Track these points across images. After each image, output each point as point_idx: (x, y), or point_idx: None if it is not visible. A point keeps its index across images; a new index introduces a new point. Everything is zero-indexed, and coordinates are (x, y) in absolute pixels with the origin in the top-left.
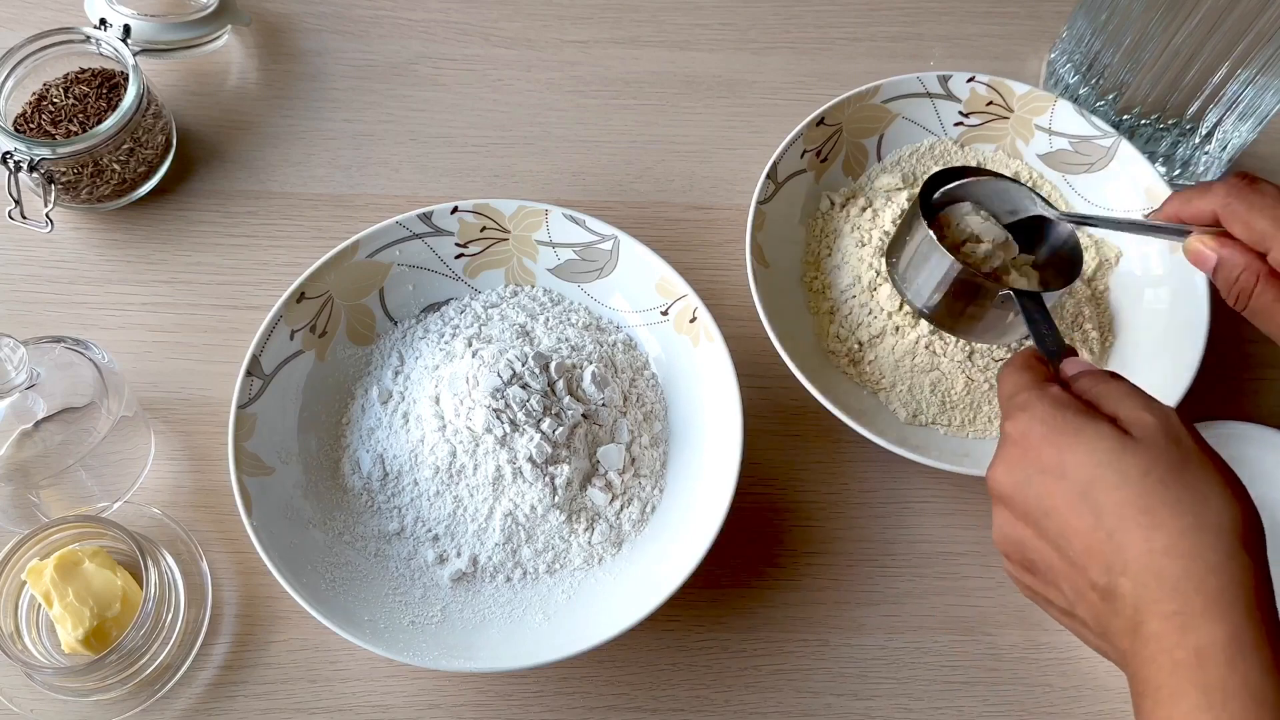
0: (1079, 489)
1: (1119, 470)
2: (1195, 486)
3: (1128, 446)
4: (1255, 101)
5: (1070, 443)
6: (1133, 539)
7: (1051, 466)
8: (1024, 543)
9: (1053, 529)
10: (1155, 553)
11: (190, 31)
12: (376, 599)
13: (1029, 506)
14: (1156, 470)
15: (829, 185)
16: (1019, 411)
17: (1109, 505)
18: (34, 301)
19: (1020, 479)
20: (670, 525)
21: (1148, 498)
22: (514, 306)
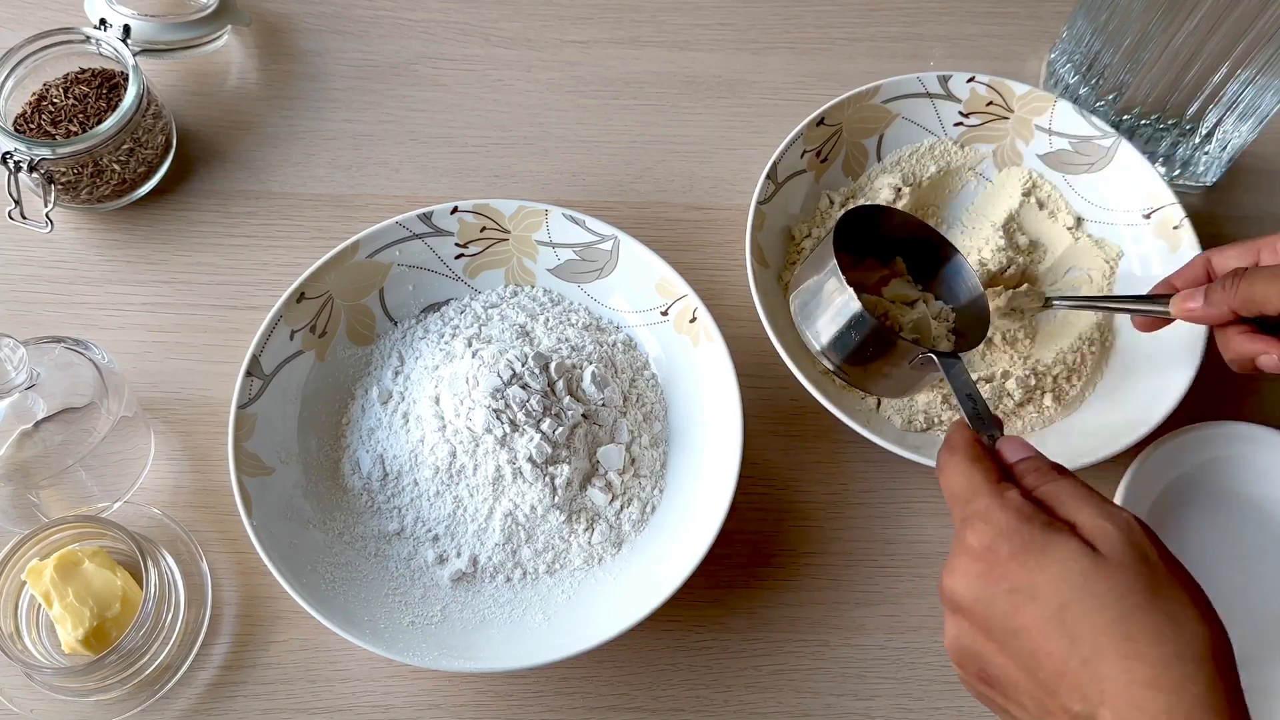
0: (1051, 611)
1: (1093, 594)
2: (1170, 611)
3: (1100, 568)
4: (1255, 101)
5: (1038, 562)
6: (1112, 669)
7: (1021, 586)
8: (984, 656)
9: (1021, 649)
10: (1137, 684)
11: (190, 31)
12: (376, 599)
13: (993, 624)
14: (1132, 595)
15: (829, 185)
16: (980, 522)
17: (1085, 631)
18: (34, 301)
19: (983, 595)
20: (670, 525)
21: (1126, 624)
22: (514, 306)
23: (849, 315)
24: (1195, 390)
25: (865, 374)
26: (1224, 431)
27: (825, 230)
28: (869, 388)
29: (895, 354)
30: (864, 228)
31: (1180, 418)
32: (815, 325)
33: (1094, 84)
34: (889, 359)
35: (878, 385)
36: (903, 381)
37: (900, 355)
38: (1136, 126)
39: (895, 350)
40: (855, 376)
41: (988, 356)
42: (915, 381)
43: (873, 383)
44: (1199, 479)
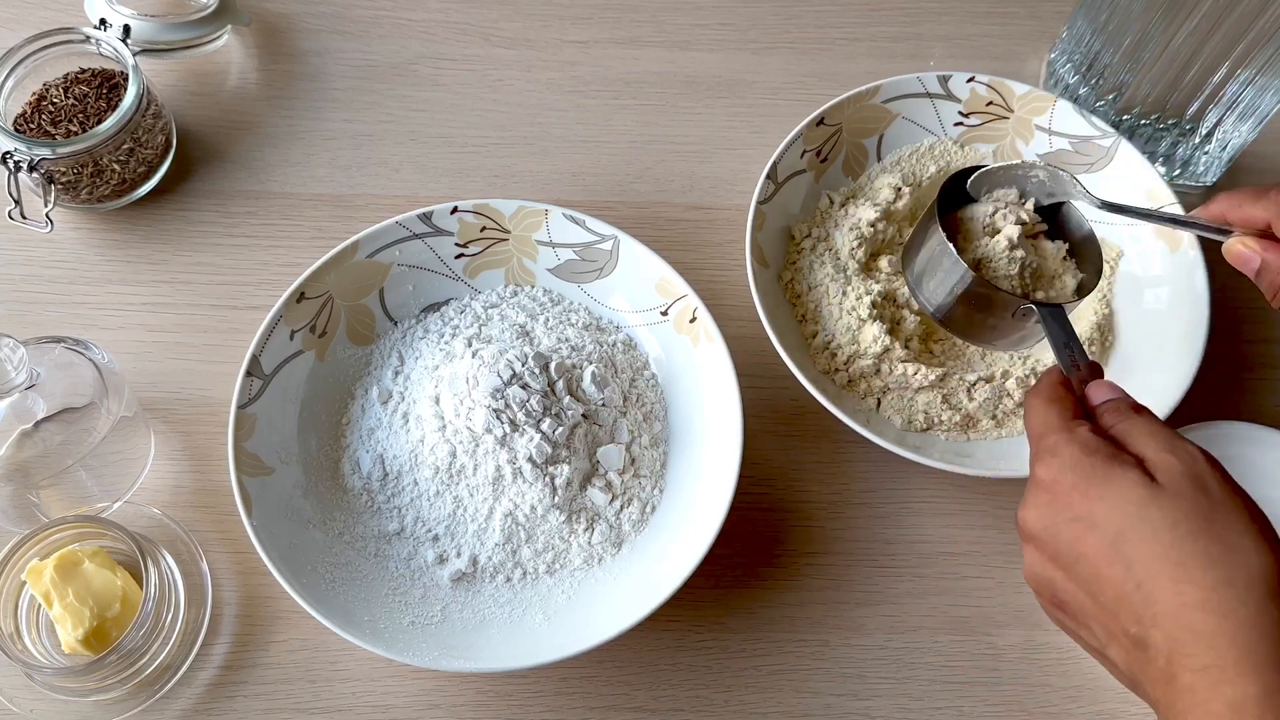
0: (1109, 539)
1: (1148, 521)
2: (1224, 537)
3: (1156, 496)
4: (1255, 101)
5: (1099, 492)
6: (1164, 592)
7: (1082, 515)
8: (1055, 583)
9: (1084, 574)
10: (1187, 607)
11: (190, 31)
12: (376, 599)
13: (1060, 551)
14: (1186, 522)
15: (829, 185)
16: (1048, 456)
17: (1139, 557)
18: (34, 301)
19: (1050, 524)
20: (670, 525)
21: (1178, 550)
22: (514, 306)
23: (954, 272)
24: (1195, 390)
25: (974, 327)
26: (1224, 431)
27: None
28: (982, 340)
29: (998, 305)
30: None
31: (1180, 418)
32: (926, 288)
33: (1094, 84)
34: (993, 310)
35: (988, 337)
36: (1011, 332)
37: (1001, 306)
38: (1136, 126)
39: (997, 301)
40: (966, 330)
41: (988, 356)
42: (1023, 333)
43: (983, 335)
44: None
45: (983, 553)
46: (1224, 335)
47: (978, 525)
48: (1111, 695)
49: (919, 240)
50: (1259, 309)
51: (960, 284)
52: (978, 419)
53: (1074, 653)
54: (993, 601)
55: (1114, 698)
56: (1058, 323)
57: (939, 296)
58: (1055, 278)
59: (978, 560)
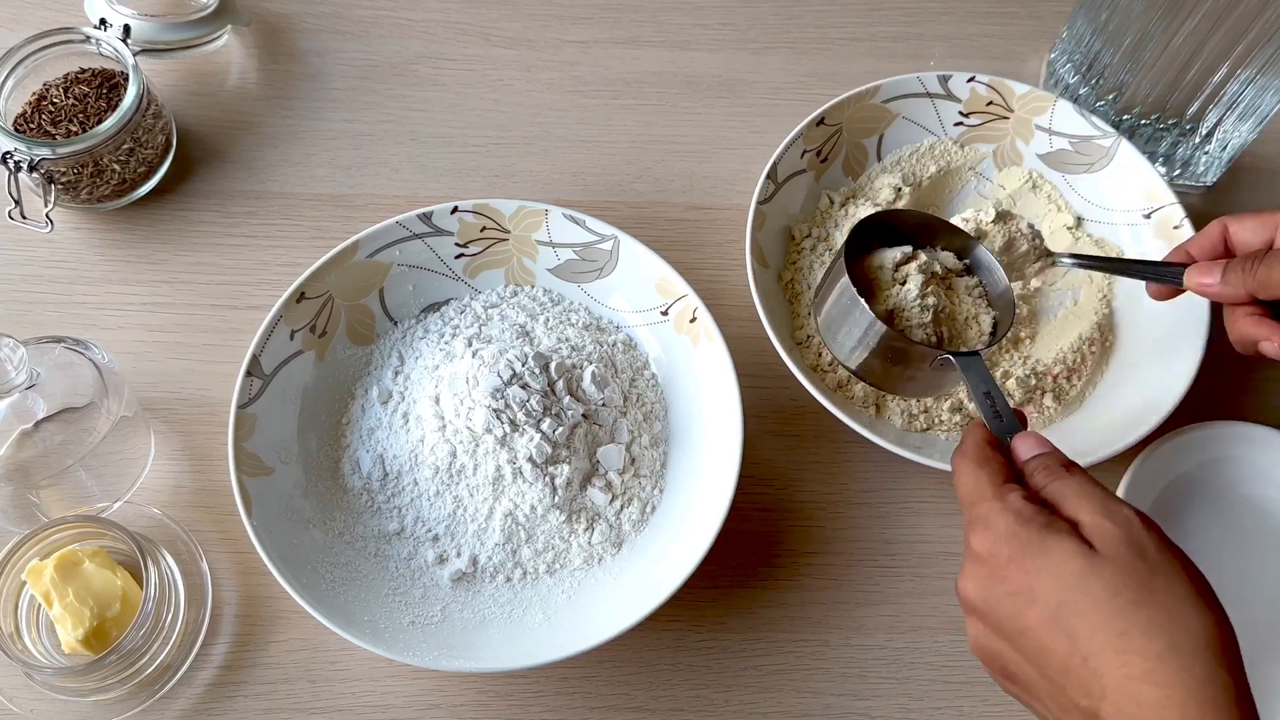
0: (1050, 612)
1: (1088, 593)
2: (1165, 604)
3: (1094, 566)
4: (1255, 101)
5: (1036, 565)
6: (1109, 665)
7: (1021, 589)
8: (1002, 655)
9: (1030, 647)
10: (1133, 679)
11: (190, 31)
12: (376, 599)
13: (1003, 625)
14: (1126, 590)
15: (829, 185)
16: (982, 527)
17: (1081, 630)
18: (34, 301)
19: (989, 598)
20: (670, 525)
21: (1120, 620)
22: (514, 306)
23: (864, 324)
24: (1195, 390)
25: (890, 379)
26: (1224, 431)
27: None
28: (899, 391)
29: (913, 358)
30: (877, 232)
31: (1180, 418)
32: (837, 338)
33: (1094, 84)
34: (909, 363)
35: (906, 388)
36: (930, 382)
37: (919, 359)
38: (1136, 126)
39: (912, 354)
40: (882, 382)
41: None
42: (942, 381)
43: (901, 386)
44: (1199, 479)
45: None
46: (1224, 335)
47: None
48: None
49: (828, 290)
50: None
51: (873, 337)
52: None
53: None
54: None
55: None
56: (976, 372)
57: (851, 348)
58: (970, 320)
59: None
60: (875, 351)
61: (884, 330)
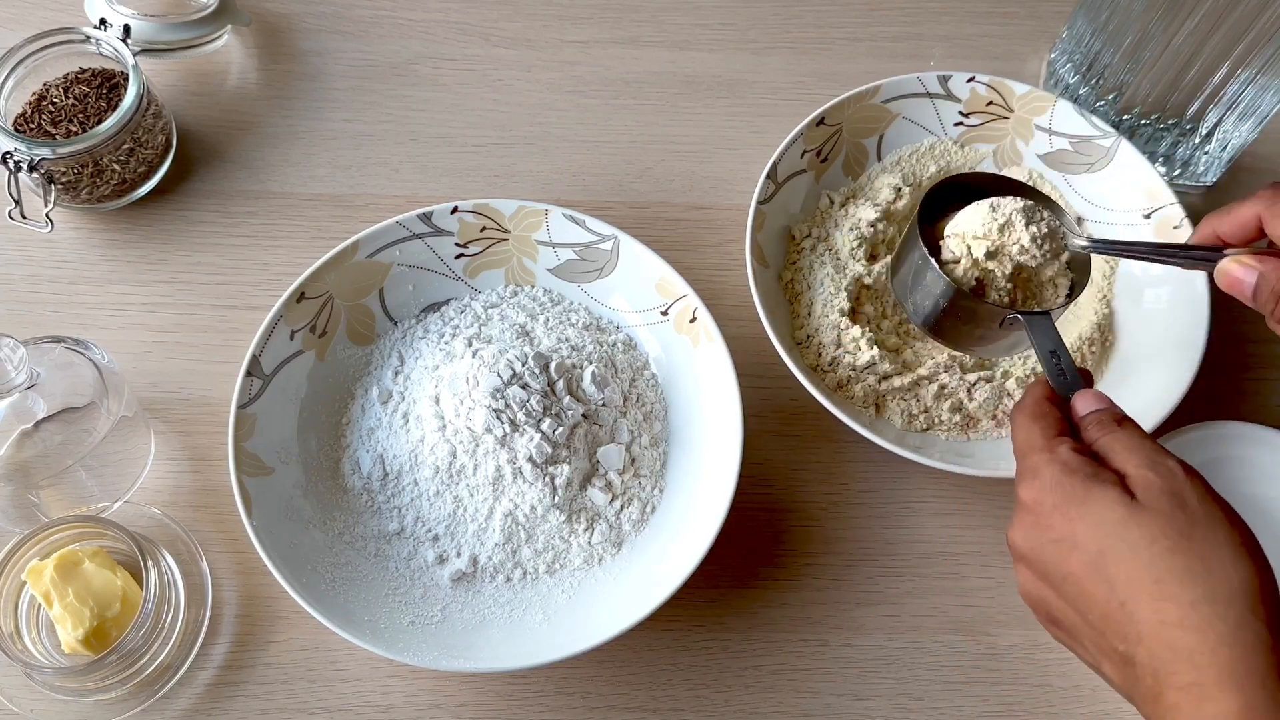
0: (1091, 559)
1: (1127, 541)
2: (1202, 553)
3: (1134, 515)
4: (1255, 101)
5: (1079, 513)
6: (1144, 611)
7: (1064, 536)
8: (1047, 601)
9: (1072, 593)
10: (1167, 625)
11: (190, 31)
12: (376, 599)
13: (1048, 570)
14: (1164, 539)
15: (829, 185)
16: (1030, 476)
17: (1119, 577)
18: (34, 301)
19: (1035, 545)
20: (670, 525)
21: (1156, 568)
22: (514, 306)
23: (934, 285)
24: (1195, 390)
25: (961, 338)
26: (1224, 431)
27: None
28: (972, 350)
29: (983, 316)
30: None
31: (1180, 418)
32: (912, 298)
33: (1094, 84)
34: (978, 322)
35: (978, 348)
36: (1000, 341)
37: (988, 317)
38: (1136, 126)
39: (981, 313)
40: (954, 341)
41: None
42: (1013, 341)
43: (972, 345)
44: None
45: (983, 553)
46: (1224, 335)
47: (978, 525)
48: (1111, 695)
49: (904, 251)
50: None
51: (944, 297)
52: (978, 419)
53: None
54: (993, 601)
55: (1114, 698)
56: (1044, 332)
57: (925, 309)
58: (1047, 282)
59: (978, 560)
60: (946, 311)
61: (954, 289)
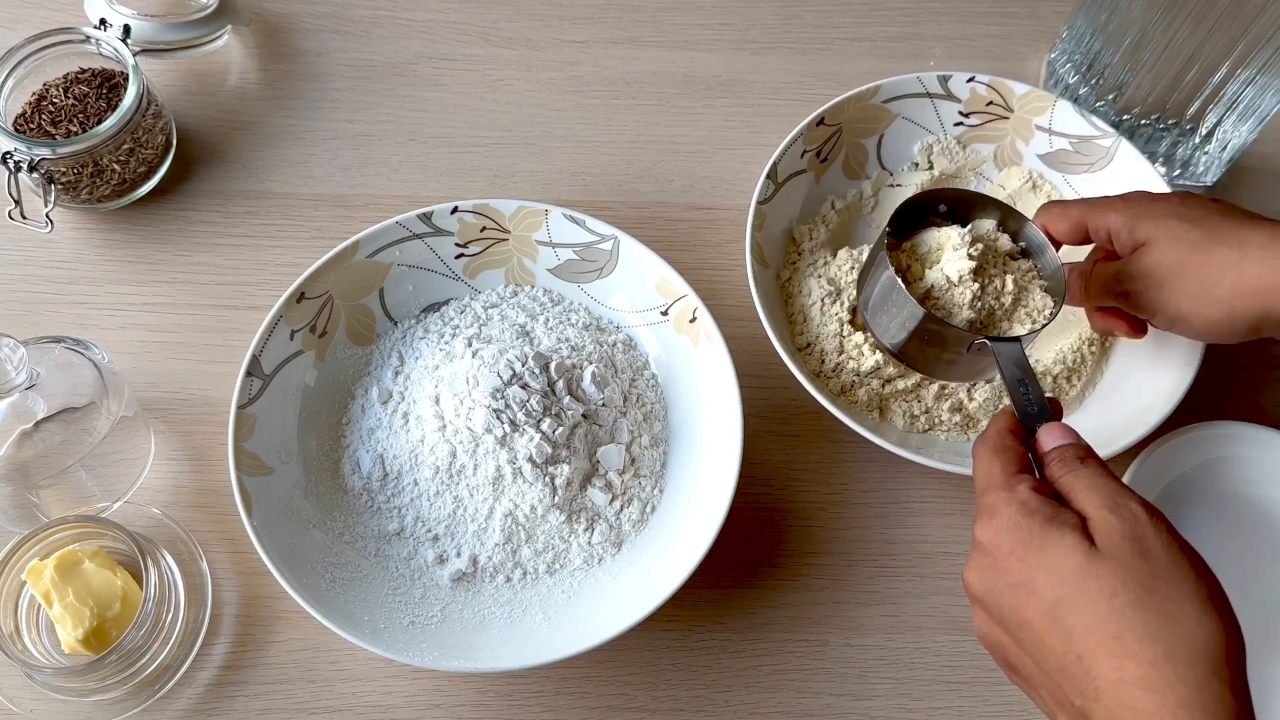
0: (1048, 607)
1: (1085, 591)
2: (1164, 609)
3: (1093, 564)
4: (1255, 101)
5: (1036, 560)
6: (1102, 667)
7: (1020, 581)
8: (1004, 646)
9: (1028, 640)
10: (1125, 684)
11: (190, 31)
12: (376, 599)
13: (1003, 616)
14: (1124, 592)
15: (829, 185)
16: (987, 516)
17: (1077, 628)
18: (34, 301)
19: (991, 588)
20: (670, 525)
21: (1115, 623)
22: (514, 306)
23: (902, 307)
24: (1195, 390)
25: (930, 362)
26: (1224, 431)
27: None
28: (941, 375)
29: (951, 340)
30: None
31: (1180, 418)
32: (879, 320)
33: (1094, 84)
34: (946, 346)
35: (947, 371)
36: (971, 366)
37: (956, 341)
38: (1136, 126)
39: (949, 337)
40: (923, 365)
41: None
42: (984, 366)
43: (941, 370)
44: (1199, 479)
45: None
46: None
47: None
48: None
49: (871, 272)
50: None
51: (911, 319)
52: (978, 419)
53: None
54: None
55: None
56: (1012, 359)
57: (892, 331)
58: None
59: None
60: (914, 334)
61: (922, 312)
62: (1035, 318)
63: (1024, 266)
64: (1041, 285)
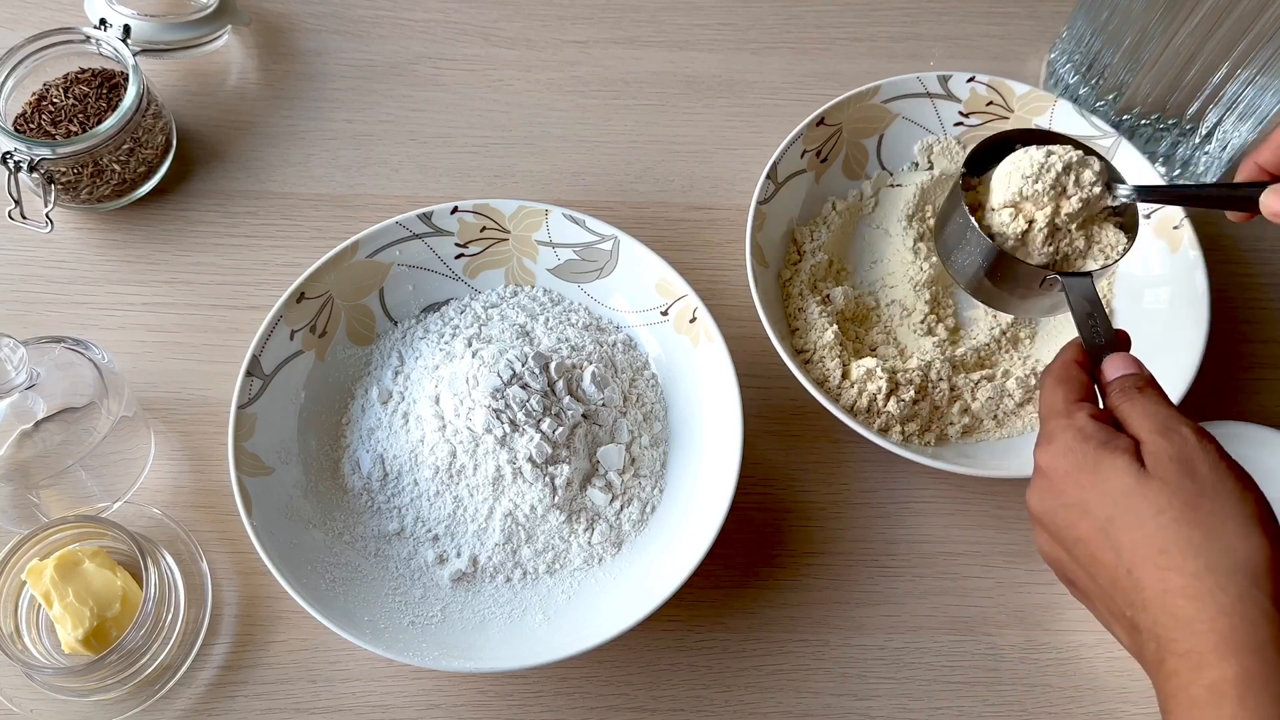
0: (1100, 525)
1: (1134, 510)
2: (1208, 524)
3: (1142, 484)
4: (1255, 101)
5: (1090, 480)
6: (1149, 579)
7: (1075, 501)
8: (1062, 561)
9: (1083, 556)
10: (1170, 593)
11: (190, 31)
12: (376, 599)
13: (1060, 533)
14: (1170, 509)
15: (829, 185)
16: (1046, 441)
17: (1126, 544)
18: (34, 301)
19: (1049, 509)
20: (670, 525)
21: (1161, 537)
22: (514, 306)
23: (975, 246)
24: (1195, 390)
25: (1003, 299)
26: (1224, 431)
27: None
28: (1016, 310)
29: (1022, 277)
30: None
31: None
32: (953, 258)
33: (1094, 84)
34: (1018, 282)
35: (1021, 307)
36: (1041, 300)
37: (1028, 278)
38: (1136, 126)
39: (1020, 274)
40: (997, 301)
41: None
42: (1052, 300)
43: (1015, 305)
44: None
45: (983, 553)
46: (1224, 335)
47: (978, 525)
48: (1111, 695)
49: (946, 212)
50: (1259, 309)
51: (984, 258)
52: (979, 419)
53: (1074, 653)
54: (993, 601)
55: (1114, 697)
56: (1082, 293)
57: (967, 270)
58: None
59: (978, 560)
60: (987, 272)
61: (995, 250)
62: (1109, 253)
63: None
64: (1116, 222)
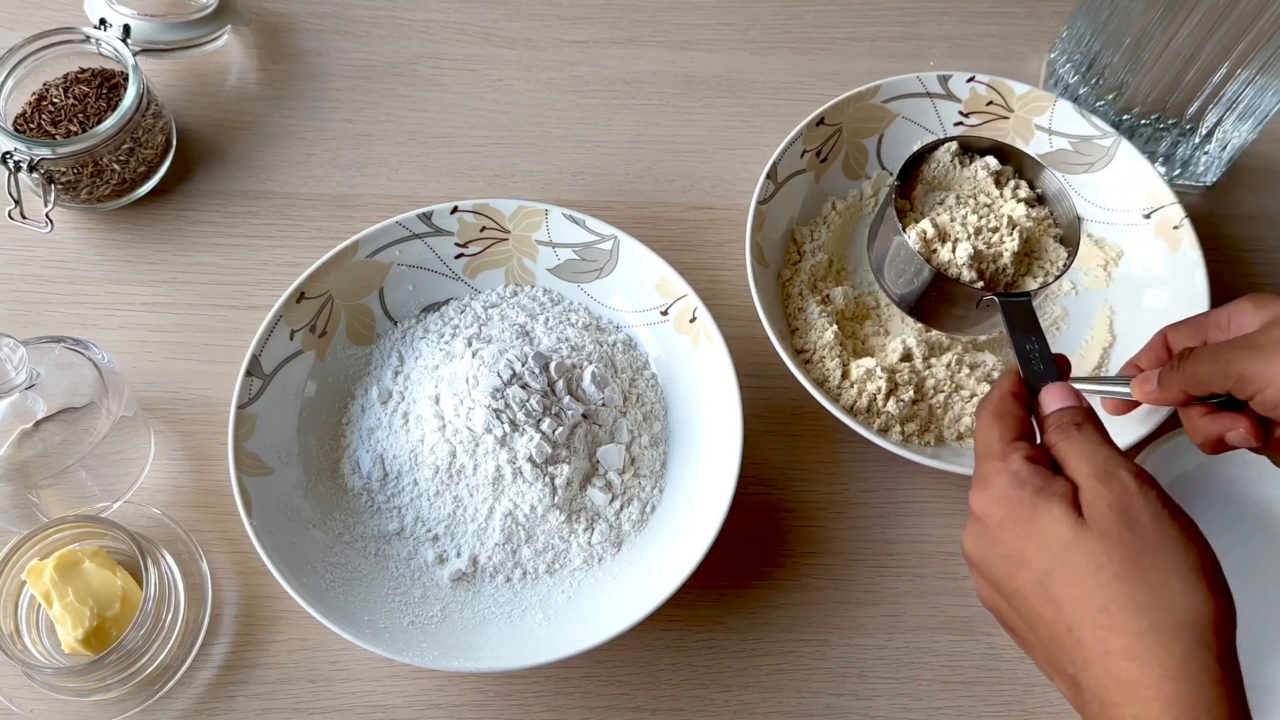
0: (1037, 578)
1: (1072, 564)
2: (1150, 581)
3: (1080, 536)
4: (1255, 101)
5: (1025, 531)
6: (1090, 638)
7: (1011, 552)
8: (1001, 610)
9: (1022, 608)
10: (1112, 655)
11: (190, 31)
12: (376, 599)
13: (999, 583)
14: (1109, 565)
15: (829, 185)
16: (981, 486)
17: (1066, 601)
18: (34, 301)
19: (985, 556)
20: (670, 525)
21: (1103, 596)
22: (514, 306)
23: (910, 264)
24: None
25: (940, 317)
26: None
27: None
28: (953, 329)
29: (959, 297)
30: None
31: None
32: (887, 275)
33: (1094, 84)
34: (955, 303)
35: (959, 326)
36: (980, 321)
37: (965, 298)
38: (1136, 126)
39: (958, 294)
40: (934, 321)
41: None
42: (993, 319)
43: (952, 325)
44: (1199, 479)
45: None
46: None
47: None
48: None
49: (879, 229)
50: None
51: (920, 277)
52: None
53: None
54: None
55: None
56: (1019, 317)
57: (901, 287)
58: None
59: None
60: (924, 291)
61: (931, 270)
62: (1049, 269)
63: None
64: (1055, 235)
